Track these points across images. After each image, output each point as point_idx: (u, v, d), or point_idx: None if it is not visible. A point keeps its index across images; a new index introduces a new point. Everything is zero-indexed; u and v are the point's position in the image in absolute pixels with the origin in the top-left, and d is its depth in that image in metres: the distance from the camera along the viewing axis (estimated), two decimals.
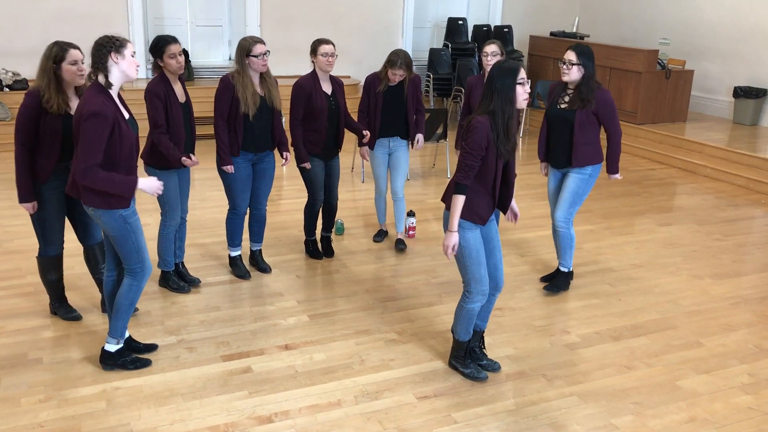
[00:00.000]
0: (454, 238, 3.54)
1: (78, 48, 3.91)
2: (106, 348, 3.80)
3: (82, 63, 3.92)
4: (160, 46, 4.33)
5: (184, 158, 4.43)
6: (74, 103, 3.92)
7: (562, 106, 4.70)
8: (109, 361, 3.80)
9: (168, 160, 4.41)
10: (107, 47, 3.38)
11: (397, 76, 5.24)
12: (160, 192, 3.66)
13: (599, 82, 4.69)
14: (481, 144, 3.43)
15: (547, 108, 4.82)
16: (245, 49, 4.58)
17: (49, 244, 4.15)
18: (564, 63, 4.59)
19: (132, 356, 3.86)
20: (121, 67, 3.42)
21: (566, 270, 5.01)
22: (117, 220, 3.53)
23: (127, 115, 3.55)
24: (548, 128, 4.82)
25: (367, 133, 5.32)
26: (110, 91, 3.44)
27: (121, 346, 3.82)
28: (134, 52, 3.47)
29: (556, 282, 5.03)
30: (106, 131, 3.34)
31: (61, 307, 4.37)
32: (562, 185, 4.83)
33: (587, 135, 4.65)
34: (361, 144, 5.44)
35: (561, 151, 4.76)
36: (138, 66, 3.51)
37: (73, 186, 3.56)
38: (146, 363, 3.85)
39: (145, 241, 3.67)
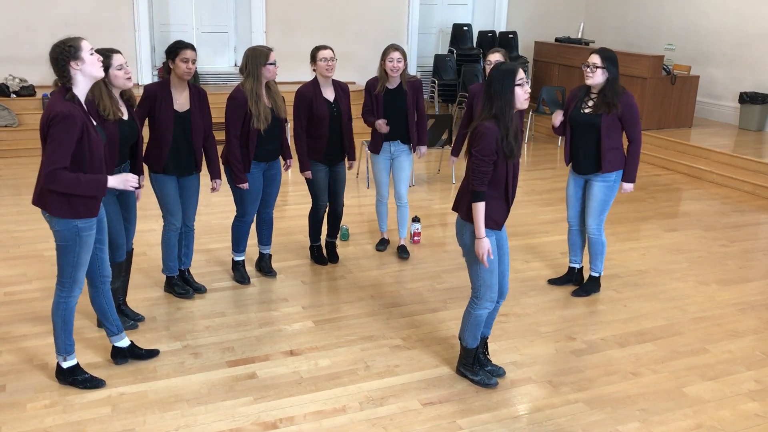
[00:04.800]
0: (485, 244, 3.54)
1: (119, 52, 3.94)
2: (58, 363, 3.71)
3: (127, 65, 3.95)
4: (177, 48, 4.34)
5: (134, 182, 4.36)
6: (123, 108, 3.96)
7: (586, 110, 4.66)
8: (60, 377, 3.72)
9: (164, 164, 4.44)
10: (64, 58, 3.26)
11: (395, 61, 5.16)
12: (135, 184, 3.51)
13: (623, 87, 4.64)
14: (492, 149, 3.44)
15: (570, 113, 4.76)
16: (261, 58, 4.56)
17: (115, 249, 4.13)
18: (588, 66, 4.56)
19: (86, 375, 3.72)
20: (84, 71, 3.31)
21: (597, 275, 5.04)
22: (70, 231, 3.41)
23: (94, 122, 3.46)
24: (572, 133, 4.77)
25: (349, 164, 5.36)
26: (78, 96, 3.34)
27: (73, 362, 3.70)
28: (92, 49, 3.34)
29: (586, 286, 5.06)
30: (75, 134, 3.26)
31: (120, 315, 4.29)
32: (588, 194, 4.80)
33: (613, 140, 4.61)
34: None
35: (585, 157, 4.72)
36: (101, 60, 3.39)
37: (40, 196, 3.42)
38: (99, 384, 3.71)
39: (87, 261, 3.55)
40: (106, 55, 3.83)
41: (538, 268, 5.58)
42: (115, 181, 3.45)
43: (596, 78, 4.56)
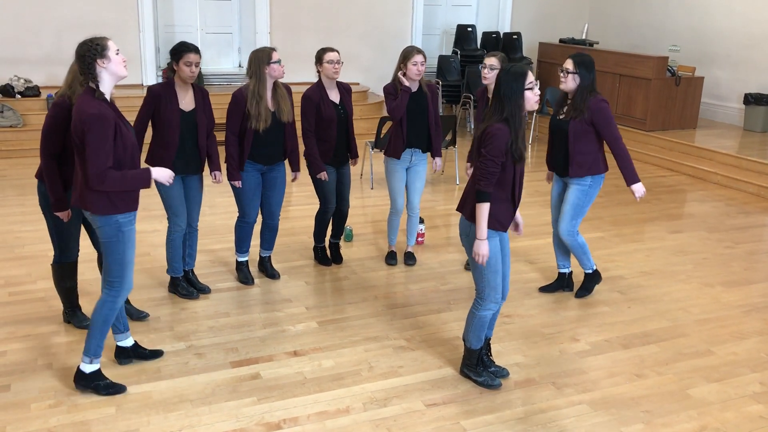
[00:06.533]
0: (485, 247, 3.55)
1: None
2: (80, 368, 3.64)
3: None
4: (180, 50, 4.37)
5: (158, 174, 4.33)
6: None
7: (560, 116, 4.73)
8: (81, 382, 3.65)
9: (164, 162, 4.44)
10: (91, 55, 3.32)
11: (419, 65, 4.98)
12: (171, 181, 3.63)
13: (598, 91, 4.66)
14: (502, 150, 3.45)
15: (550, 117, 4.85)
16: (264, 58, 4.58)
17: (64, 251, 4.16)
18: (562, 71, 4.61)
19: (106, 381, 3.67)
20: (110, 70, 3.37)
21: (590, 271, 5.04)
22: (111, 227, 3.46)
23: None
24: (551, 138, 4.83)
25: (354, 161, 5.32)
26: (105, 94, 3.40)
27: (96, 367, 3.65)
28: (118, 50, 3.41)
29: (585, 285, 5.05)
30: (111, 133, 3.32)
31: (74, 316, 4.37)
32: (564, 197, 4.83)
33: (583, 144, 4.63)
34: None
35: (559, 160, 4.78)
36: (125, 61, 3.44)
37: (81, 197, 3.49)
38: (121, 389, 3.67)
39: (133, 257, 3.57)
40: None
41: (541, 269, 5.57)
42: (157, 174, 3.55)
43: (568, 84, 4.61)
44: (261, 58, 4.58)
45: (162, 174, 3.58)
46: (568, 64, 4.59)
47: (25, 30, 9.62)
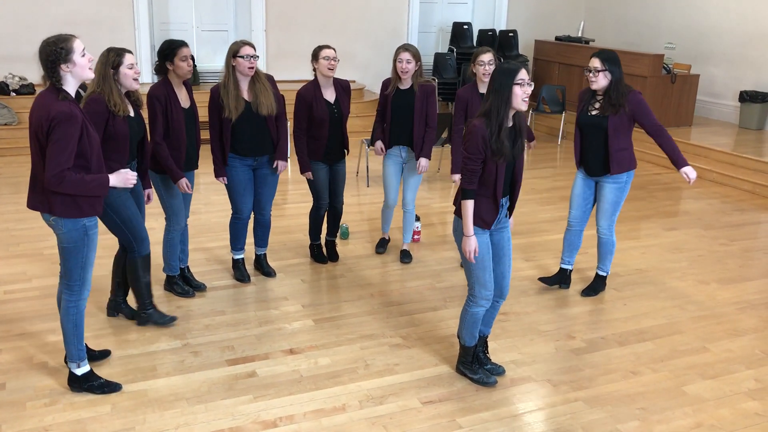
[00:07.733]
0: (472, 242, 3.55)
1: (131, 52, 3.95)
2: (71, 371, 3.64)
3: (136, 66, 3.96)
4: (172, 48, 4.34)
5: (180, 182, 4.43)
6: (129, 106, 3.97)
7: (594, 112, 4.64)
8: (75, 385, 3.64)
9: (177, 163, 4.44)
10: (53, 59, 3.17)
11: (404, 62, 5.01)
12: (134, 182, 3.49)
13: (629, 85, 4.63)
14: (478, 147, 3.44)
15: (577, 115, 4.75)
16: (232, 50, 4.60)
17: (140, 242, 4.11)
18: (590, 71, 4.55)
19: (101, 381, 3.66)
20: (75, 73, 3.24)
21: (605, 274, 5.06)
22: (78, 231, 3.36)
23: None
24: (581, 136, 4.75)
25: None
26: (71, 95, 3.27)
27: (86, 368, 3.64)
28: (84, 49, 3.25)
29: (594, 285, 5.07)
30: (77, 134, 3.20)
31: (155, 312, 4.34)
32: (599, 196, 4.78)
33: (621, 141, 4.60)
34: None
35: (595, 159, 4.68)
36: (92, 60, 3.29)
37: (41, 199, 3.34)
38: (116, 388, 3.66)
39: (93, 261, 3.50)
40: (119, 53, 3.87)
41: (538, 266, 5.57)
42: (115, 179, 3.42)
43: (599, 82, 4.55)
44: (231, 50, 4.61)
45: (121, 179, 3.43)
46: (595, 63, 4.53)
47: (20, 27, 9.59)
